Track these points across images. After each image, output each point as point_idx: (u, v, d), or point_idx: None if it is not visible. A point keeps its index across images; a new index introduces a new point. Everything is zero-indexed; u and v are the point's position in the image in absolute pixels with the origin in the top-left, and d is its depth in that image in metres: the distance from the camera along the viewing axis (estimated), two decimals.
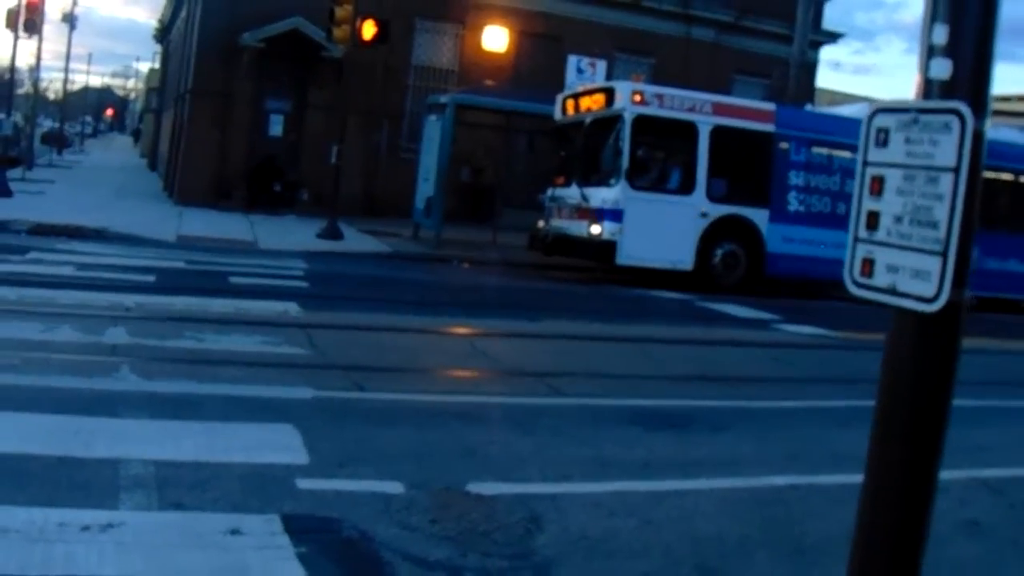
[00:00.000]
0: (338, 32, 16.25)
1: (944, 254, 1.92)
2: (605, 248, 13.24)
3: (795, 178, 14.39)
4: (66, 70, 51.81)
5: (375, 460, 4.34)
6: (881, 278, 2.06)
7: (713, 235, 13.73)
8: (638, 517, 3.99)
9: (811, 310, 12.76)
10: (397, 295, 10.98)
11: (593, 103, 14.20)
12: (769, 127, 14.28)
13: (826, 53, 26.60)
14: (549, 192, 14.81)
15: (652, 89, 13.97)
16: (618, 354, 8.26)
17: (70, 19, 47.18)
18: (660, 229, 13.27)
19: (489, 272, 14.33)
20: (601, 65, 21.25)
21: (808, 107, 17.48)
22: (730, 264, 13.97)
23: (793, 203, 14.37)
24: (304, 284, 10.60)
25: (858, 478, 2.25)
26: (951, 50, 1.96)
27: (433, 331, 8.36)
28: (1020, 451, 5.83)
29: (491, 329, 8.64)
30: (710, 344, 9.39)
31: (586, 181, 13.84)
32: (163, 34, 39.96)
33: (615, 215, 13.20)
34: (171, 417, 4.66)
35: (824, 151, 14.57)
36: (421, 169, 17.72)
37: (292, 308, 8.46)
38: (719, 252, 13.86)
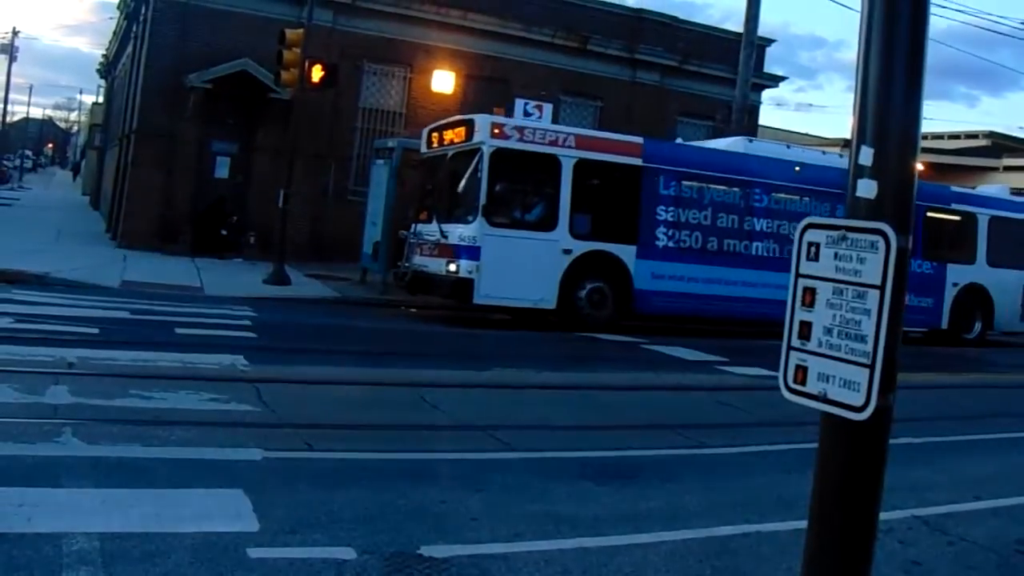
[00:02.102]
0: (286, 75, 16.28)
1: (872, 366, 2.03)
2: (462, 286, 12.93)
3: (664, 213, 14.16)
4: (5, 102, 50.91)
5: (326, 524, 4.32)
6: (813, 386, 2.17)
7: (578, 272, 13.41)
8: (591, 575, 4.03)
9: (756, 351, 13.00)
10: (345, 345, 10.93)
11: (455, 136, 13.96)
12: (636, 160, 14.04)
13: (769, 92, 27.50)
14: (413, 228, 14.50)
15: (512, 122, 13.58)
16: (565, 403, 8.32)
17: (10, 50, 46.39)
18: (520, 266, 12.98)
19: (435, 318, 14.32)
20: (548, 108, 21.56)
21: (679, 140, 17.53)
22: (596, 302, 13.66)
23: (662, 238, 14.14)
24: (252, 335, 10.48)
25: (805, 524, 2.34)
26: (876, 171, 2.09)
27: (382, 383, 8.32)
28: (956, 487, 6.01)
29: (439, 380, 8.64)
30: (656, 389, 9.52)
31: (446, 217, 13.56)
32: (108, 69, 39.45)
33: (472, 252, 12.89)
34: (117, 485, 4.57)
35: (695, 184, 14.40)
36: (369, 213, 17.72)
37: (240, 361, 8.38)
38: (584, 290, 13.54)
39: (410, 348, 11.27)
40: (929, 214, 16.03)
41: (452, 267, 13.04)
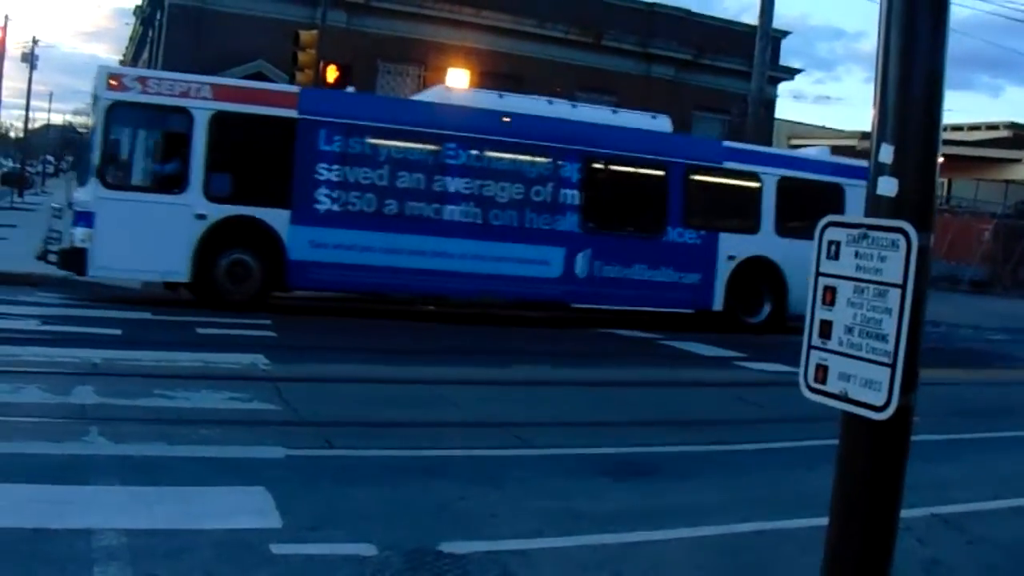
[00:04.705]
0: (301, 76, 16.38)
1: (893, 365, 2.02)
2: (75, 256, 11.58)
3: (327, 171, 12.28)
4: (27, 109, 51.53)
5: (347, 521, 4.38)
6: (834, 385, 2.17)
7: (217, 240, 11.82)
8: (609, 570, 4.07)
9: (774, 346, 12.95)
10: (363, 342, 11.00)
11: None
12: (290, 112, 12.23)
13: (787, 84, 27.19)
14: None
15: (133, 72, 12.27)
16: (582, 399, 8.35)
17: (31, 58, 46.91)
18: (144, 234, 11.49)
19: (450, 312, 14.36)
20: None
21: (350, 89, 15.25)
22: (237, 275, 11.96)
23: (324, 201, 12.27)
24: (272, 333, 10.58)
25: (826, 521, 2.36)
26: (897, 169, 2.08)
27: (400, 381, 8.40)
28: (976, 484, 5.97)
29: (455, 377, 8.71)
30: (673, 386, 9.53)
31: (77, 183, 12.49)
32: None
33: (86, 218, 11.48)
34: (142, 483, 4.66)
35: (367, 140, 12.52)
36: None
37: (261, 360, 8.47)
38: (224, 261, 11.89)
39: (425, 346, 11.31)
40: (694, 176, 14.12)
41: (70, 236, 11.76)
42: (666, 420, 7.60)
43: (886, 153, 2.08)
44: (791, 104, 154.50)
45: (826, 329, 2.21)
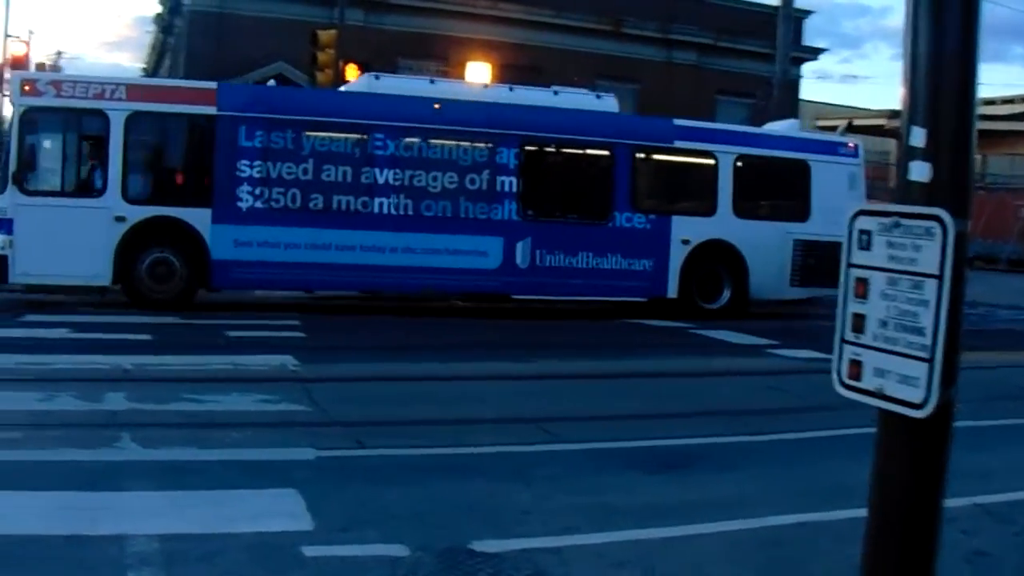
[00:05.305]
0: (321, 77, 16.45)
1: (931, 360, 1.92)
2: None
3: (248, 168, 12.03)
4: None
5: (379, 521, 4.36)
6: (869, 381, 2.07)
7: (138, 242, 11.71)
8: (644, 566, 4.01)
9: (805, 332, 12.77)
10: (390, 340, 11.02)
11: None
12: (209, 109, 12.02)
13: (813, 64, 26.66)
14: None
15: (47, 76, 12.11)
16: (612, 391, 8.27)
17: (56, 71, 47.66)
18: (65, 238, 11.38)
19: (474, 307, 14.32)
20: None
21: (272, 83, 14.66)
22: (160, 276, 11.82)
23: (247, 199, 12.01)
24: (301, 335, 10.62)
25: (865, 512, 2.28)
26: (930, 153, 1.97)
27: (428, 378, 8.40)
28: (1021, 473, 5.78)
29: (484, 373, 8.68)
30: (705, 376, 9.42)
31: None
32: None
33: (6, 225, 11.42)
34: (174, 487, 4.68)
35: (290, 134, 12.22)
36: None
37: (290, 361, 8.49)
38: (145, 262, 11.73)
39: (455, 341, 11.30)
40: (643, 155, 13.57)
41: None
42: (698, 411, 7.50)
43: (917, 136, 1.97)
44: (817, 84, 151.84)
45: (859, 323, 2.10)
